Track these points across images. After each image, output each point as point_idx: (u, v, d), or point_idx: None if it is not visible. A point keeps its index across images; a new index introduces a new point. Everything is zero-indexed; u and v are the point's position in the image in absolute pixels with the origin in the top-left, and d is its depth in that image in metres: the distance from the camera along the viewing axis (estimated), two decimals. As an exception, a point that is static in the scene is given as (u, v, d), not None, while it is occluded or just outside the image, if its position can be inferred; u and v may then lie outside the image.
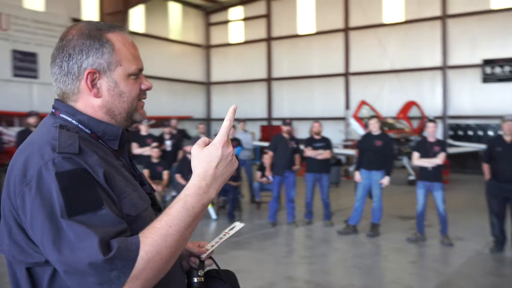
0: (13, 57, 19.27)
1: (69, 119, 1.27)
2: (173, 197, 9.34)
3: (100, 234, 1.03)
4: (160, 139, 9.62)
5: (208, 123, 28.09)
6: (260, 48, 26.07)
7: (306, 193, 8.50)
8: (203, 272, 1.42)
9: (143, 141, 9.25)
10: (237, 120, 11.79)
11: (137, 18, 24.33)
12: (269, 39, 25.73)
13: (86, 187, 1.09)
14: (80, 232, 1.04)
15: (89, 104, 1.28)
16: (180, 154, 9.47)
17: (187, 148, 8.90)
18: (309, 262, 6.29)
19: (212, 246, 1.47)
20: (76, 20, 21.38)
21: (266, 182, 9.37)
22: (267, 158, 8.59)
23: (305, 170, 8.73)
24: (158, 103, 24.94)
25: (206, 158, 1.21)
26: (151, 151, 8.82)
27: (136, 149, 9.21)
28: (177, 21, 26.56)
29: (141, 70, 1.34)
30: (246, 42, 26.68)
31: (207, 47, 28.20)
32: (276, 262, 6.40)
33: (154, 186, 8.31)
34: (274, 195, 8.31)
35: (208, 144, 1.24)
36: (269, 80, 25.78)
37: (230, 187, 8.70)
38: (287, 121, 8.28)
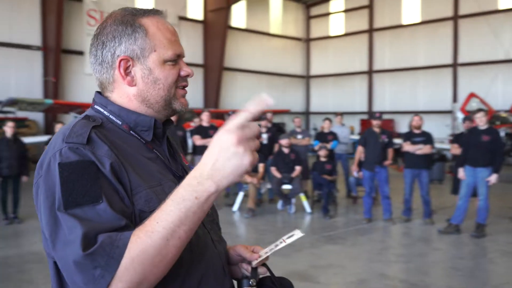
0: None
1: (101, 109, 1.21)
2: (268, 190, 9.51)
3: (86, 228, 0.95)
4: (257, 132, 9.79)
5: (307, 117, 28.07)
6: (361, 40, 25.47)
7: (405, 189, 8.19)
8: (255, 282, 1.29)
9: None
10: (335, 113, 11.64)
11: (239, 13, 24.91)
12: (370, 31, 25.05)
13: (87, 179, 1.00)
14: (71, 226, 0.96)
15: (124, 93, 1.20)
16: (275, 147, 9.57)
17: (282, 141, 8.98)
18: (405, 260, 6.06)
19: (266, 253, 1.30)
20: (184, 19, 22.47)
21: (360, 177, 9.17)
22: (357, 153, 8.40)
23: (404, 166, 8.41)
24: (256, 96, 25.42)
25: (211, 145, 0.99)
26: (248, 143, 9.02)
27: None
28: (277, 15, 26.78)
29: (179, 56, 1.24)
30: (346, 34, 26.22)
31: (307, 41, 28.12)
32: (370, 258, 6.25)
33: (249, 179, 8.51)
34: (367, 190, 8.10)
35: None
36: (370, 72, 25.11)
37: (324, 181, 8.64)
38: (376, 115, 8.01)
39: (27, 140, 9.60)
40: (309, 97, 28.31)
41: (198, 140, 9.04)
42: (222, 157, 0.96)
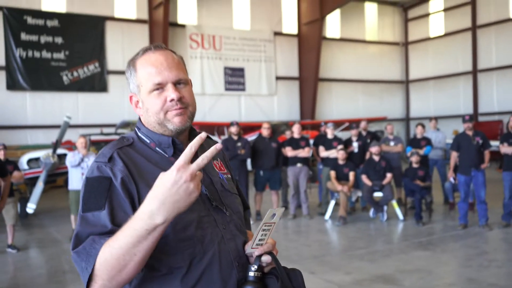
0: (225, 73, 21.84)
1: (137, 131, 1.52)
2: (360, 198, 9.61)
3: (80, 229, 1.30)
4: (347, 142, 9.97)
5: (407, 123, 27.26)
6: (463, 39, 24.28)
7: (504, 193, 7.87)
8: (255, 267, 1.41)
9: (329, 144, 9.73)
10: (429, 118, 11.39)
11: (333, 24, 25.07)
12: (474, 28, 23.75)
13: (99, 191, 1.32)
14: (78, 225, 1.32)
15: (142, 119, 1.51)
16: (367, 156, 9.64)
17: (372, 149, 9.05)
18: (498, 265, 5.89)
19: (260, 240, 1.43)
20: (278, 34, 23.19)
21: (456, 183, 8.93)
22: (452, 158, 8.21)
23: (502, 168, 8.08)
24: (353, 105, 25.30)
25: (160, 182, 1.18)
26: (337, 153, 9.25)
27: (322, 152, 9.75)
28: (373, 21, 26.50)
29: (160, 84, 1.43)
30: (447, 34, 25.15)
31: (405, 44, 27.41)
32: (460, 264, 6.17)
33: (340, 188, 8.72)
34: (462, 195, 7.88)
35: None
36: (474, 72, 23.79)
37: (417, 188, 8.56)
38: (466, 118, 7.78)
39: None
40: (409, 102, 27.47)
41: (289, 152, 9.45)
42: (172, 191, 1.15)
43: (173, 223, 1.31)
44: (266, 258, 1.43)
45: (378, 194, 8.83)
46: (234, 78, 22.03)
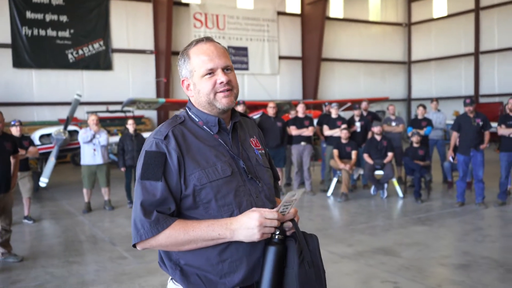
0: (229, 53, 21.89)
1: (188, 110, 1.79)
2: (360, 175, 9.91)
3: (144, 198, 1.60)
4: (350, 121, 10.23)
5: (409, 103, 27.47)
6: (466, 20, 24.29)
7: (501, 173, 8.17)
8: (278, 232, 1.65)
9: (333, 123, 9.99)
10: (430, 99, 11.62)
11: (336, 4, 25.06)
12: (477, 9, 23.75)
13: (156, 164, 1.61)
14: (139, 191, 1.62)
15: (193, 100, 1.78)
16: (369, 135, 9.91)
17: (374, 129, 9.32)
18: (492, 240, 6.22)
19: (282, 212, 1.66)
20: (282, 13, 23.24)
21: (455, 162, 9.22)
22: (452, 138, 8.49)
23: (499, 149, 8.36)
24: (355, 85, 25.48)
25: (247, 218, 1.58)
26: (340, 132, 9.52)
27: (326, 131, 10.02)
28: (376, 1, 26.47)
29: (212, 69, 1.70)
30: (450, 16, 25.14)
31: (408, 25, 27.42)
32: (456, 238, 6.50)
33: (342, 165, 9.03)
34: (460, 174, 8.18)
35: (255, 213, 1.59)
36: (476, 54, 23.88)
37: (416, 166, 8.85)
38: (466, 101, 8.02)
39: (144, 135, 10.95)
40: (411, 83, 27.62)
41: (293, 131, 9.72)
42: (245, 226, 1.56)
43: (215, 191, 1.64)
44: (287, 224, 1.70)
45: (379, 172, 9.13)
46: (238, 57, 22.16)
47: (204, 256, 1.66)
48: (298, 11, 24.02)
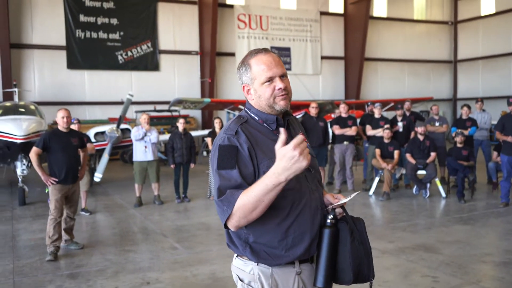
0: (275, 54, 22.18)
1: (248, 111, 2.06)
2: (402, 175, 9.98)
3: (221, 183, 1.85)
4: (392, 121, 10.31)
5: (454, 103, 26.93)
6: (516, 17, 23.58)
7: (547, 174, 8.09)
8: (332, 216, 2.00)
9: (376, 123, 10.11)
10: (475, 99, 11.51)
11: (380, 3, 24.91)
12: (527, 7, 23.05)
13: (230, 156, 1.86)
14: (218, 179, 1.87)
15: (252, 102, 2.04)
16: (412, 135, 9.97)
17: (417, 129, 9.38)
18: (535, 240, 6.25)
19: (341, 201, 2.03)
20: (324, 13, 23.34)
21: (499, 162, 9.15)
22: (498, 136, 8.46)
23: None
24: (399, 85, 25.24)
25: (282, 154, 1.69)
26: (383, 132, 9.63)
27: (369, 131, 10.15)
28: (421, 0, 26.10)
29: (271, 77, 1.96)
30: (498, 13, 24.47)
31: (454, 23, 26.89)
32: (498, 237, 6.55)
33: (384, 165, 9.15)
34: (505, 175, 8.15)
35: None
36: (526, 52, 23.14)
37: (460, 167, 8.86)
38: (510, 100, 7.99)
39: (192, 134, 11.39)
40: (456, 82, 27.06)
41: (337, 130, 9.91)
42: (288, 163, 1.68)
43: None
44: (339, 210, 2.06)
45: (421, 172, 9.19)
46: (281, 58, 22.25)
47: (270, 233, 1.94)
48: (341, 11, 24.03)
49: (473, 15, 25.89)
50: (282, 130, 1.76)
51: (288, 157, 1.68)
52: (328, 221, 1.99)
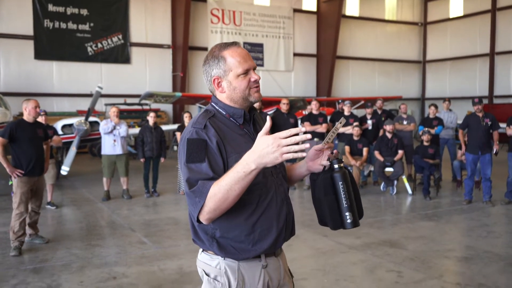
0: (244, 48, 22.18)
1: (215, 105, 2.03)
2: (371, 172, 10.15)
3: (190, 175, 1.82)
4: (362, 119, 10.46)
5: (422, 103, 27.50)
6: (482, 21, 24.28)
7: (508, 172, 8.36)
8: (337, 160, 2.01)
9: (346, 120, 10.23)
10: (442, 99, 11.76)
11: (352, 2, 25.19)
12: (493, 10, 23.72)
13: (199, 149, 1.84)
14: (186, 172, 1.84)
15: (221, 96, 2.01)
16: (380, 133, 10.14)
17: (386, 127, 9.55)
18: (496, 236, 6.44)
19: (328, 139, 2.04)
20: (298, 11, 23.45)
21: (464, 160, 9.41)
22: (460, 137, 8.70)
23: (508, 149, 8.54)
24: (369, 84, 25.61)
25: (259, 142, 1.70)
26: (352, 129, 9.77)
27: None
28: (392, 1, 26.53)
29: (247, 69, 1.95)
30: (466, 16, 25.11)
31: (424, 24, 27.44)
32: (460, 234, 6.74)
33: (353, 162, 9.27)
34: (469, 173, 8.39)
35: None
36: (492, 54, 23.85)
37: (426, 165, 9.06)
38: (475, 100, 8.22)
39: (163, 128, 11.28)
40: (425, 82, 27.65)
41: (307, 126, 9.97)
42: (262, 151, 1.67)
43: None
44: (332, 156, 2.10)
45: (389, 169, 9.36)
46: (253, 54, 22.42)
47: (238, 228, 1.95)
48: (314, 9, 24.20)
49: (442, 17, 26.48)
50: (268, 118, 1.76)
51: (264, 146, 1.68)
52: (336, 166, 2.00)
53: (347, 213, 1.99)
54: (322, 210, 2.08)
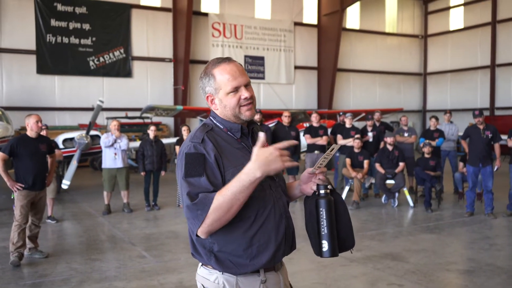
0: (245, 62, 22.32)
1: (213, 119, 2.04)
2: (372, 184, 10.12)
3: (190, 189, 1.82)
4: (362, 131, 10.47)
5: (423, 115, 27.51)
6: (483, 33, 24.38)
7: (510, 184, 8.33)
8: (327, 184, 2.01)
9: (347, 133, 10.24)
10: (445, 111, 11.77)
11: (353, 15, 25.34)
12: (494, 23, 23.83)
13: (198, 163, 1.84)
14: (186, 186, 1.83)
15: (217, 112, 2.02)
16: (381, 145, 10.13)
17: (387, 139, 9.54)
18: (498, 249, 6.40)
19: (320, 164, 2.01)
20: (298, 24, 23.59)
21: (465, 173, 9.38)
22: (463, 145, 8.69)
23: (510, 161, 8.52)
24: (370, 96, 25.66)
25: (261, 152, 1.76)
26: (353, 141, 9.76)
27: (340, 140, 10.27)
28: (393, 13, 26.68)
29: (237, 87, 1.95)
30: (466, 28, 25.23)
31: (425, 37, 27.56)
32: (462, 246, 6.69)
33: (354, 174, 9.26)
34: (470, 185, 8.36)
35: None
36: (493, 66, 23.91)
37: (427, 177, 9.04)
38: (475, 113, 8.23)
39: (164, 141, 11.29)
40: (426, 95, 27.69)
41: (308, 139, 9.99)
42: (265, 160, 1.74)
43: None
44: (323, 178, 2.07)
45: (390, 182, 9.34)
46: (254, 67, 22.53)
47: (235, 242, 1.93)
48: (315, 22, 24.34)
49: (442, 30, 26.60)
50: (261, 134, 1.82)
51: (267, 155, 1.74)
52: (322, 191, 2.00)
53: (323, 241, 1.97)
54: (308, 234, 2.10)
